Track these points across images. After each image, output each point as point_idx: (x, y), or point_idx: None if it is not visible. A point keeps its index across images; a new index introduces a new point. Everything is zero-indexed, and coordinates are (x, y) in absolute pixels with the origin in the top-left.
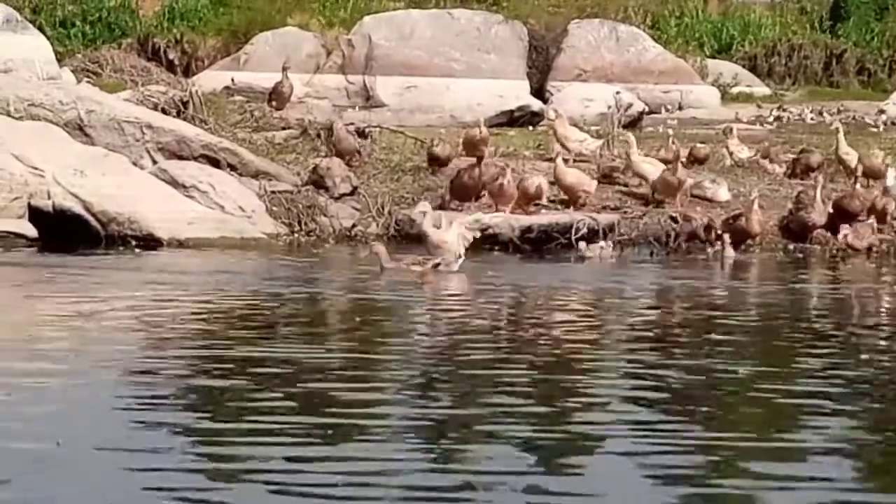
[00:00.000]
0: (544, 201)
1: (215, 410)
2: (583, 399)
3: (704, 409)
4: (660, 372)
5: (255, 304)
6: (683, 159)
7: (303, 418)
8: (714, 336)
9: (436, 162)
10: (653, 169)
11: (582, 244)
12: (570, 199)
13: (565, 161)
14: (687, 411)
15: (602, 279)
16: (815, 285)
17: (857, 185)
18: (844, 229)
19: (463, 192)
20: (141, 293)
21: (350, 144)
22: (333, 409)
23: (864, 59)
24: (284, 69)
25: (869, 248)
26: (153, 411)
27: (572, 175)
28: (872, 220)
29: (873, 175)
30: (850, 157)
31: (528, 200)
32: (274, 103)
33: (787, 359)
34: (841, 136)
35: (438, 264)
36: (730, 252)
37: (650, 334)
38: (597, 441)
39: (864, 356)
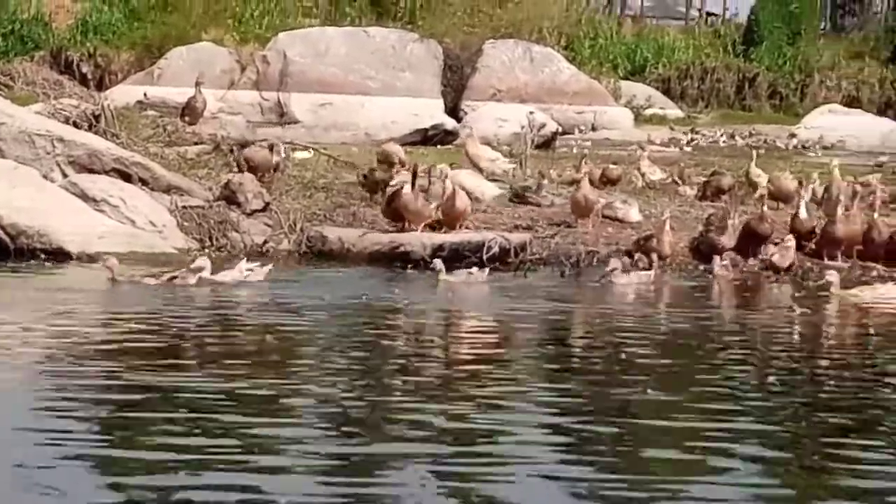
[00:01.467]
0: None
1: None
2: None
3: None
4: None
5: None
6: (594, 179)
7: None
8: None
9: (373, 185)
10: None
11: (437, 262)
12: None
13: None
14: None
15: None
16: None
17: (765, 208)
18: (772, 249)
19: (397, 214)
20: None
21: (266, 160)
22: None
23: (776, 82)
24: (198, 84)
25: (788, 268)
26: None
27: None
28: (791, 241)
29: (783, 198)
30: (761, 179)
31: (456, 218)
32: (187, 118)
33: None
34: (753, 161)
35: (175, 277)
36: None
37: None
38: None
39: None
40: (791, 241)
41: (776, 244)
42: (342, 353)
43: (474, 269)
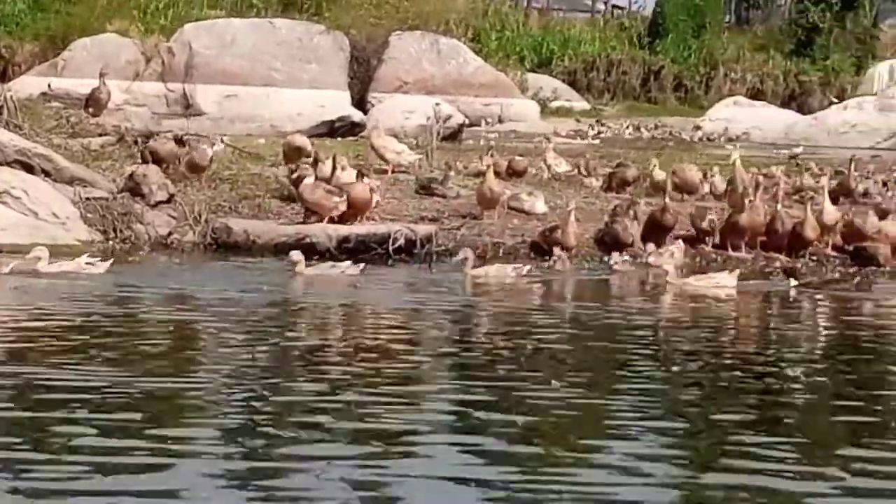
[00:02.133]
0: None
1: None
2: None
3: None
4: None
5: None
6: (500, 171)
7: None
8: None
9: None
10: None
11: (294, 254)
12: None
13: (384, 172)
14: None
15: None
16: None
17: (668, 200)
18: (650, 249)
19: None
20: None
21: (171, 152)
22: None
23: (681, 75)
24: (102, 75)
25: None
26: None
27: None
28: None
29: (687, 189)
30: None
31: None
32: (91, 109)
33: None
34: (657, 165)
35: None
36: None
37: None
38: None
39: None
40: (677, 247)
41: (683, 238)
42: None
43: (345, 264)
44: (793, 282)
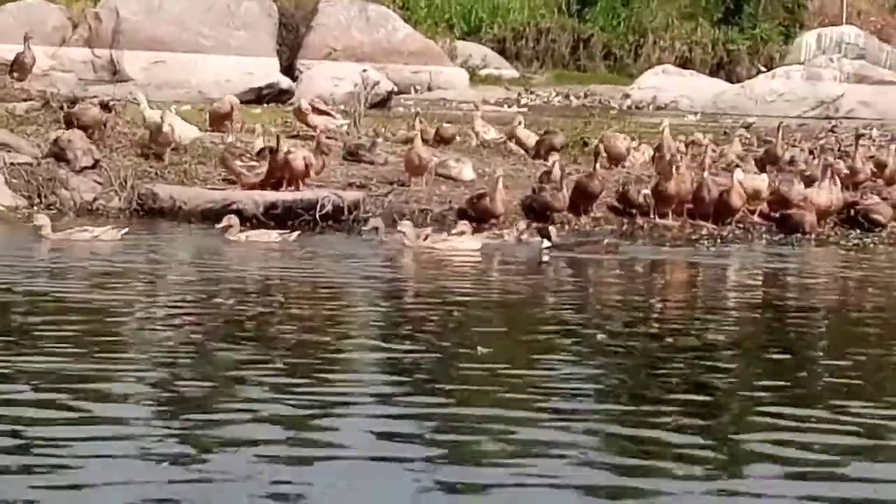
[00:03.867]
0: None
1: None
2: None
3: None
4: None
5: None
6: (428, 138)
7: None
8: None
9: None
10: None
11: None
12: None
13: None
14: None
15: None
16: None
17: (598, 166)
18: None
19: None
20: None
21: (96, 117)
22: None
23: (610, 44)
24: (26, 40)
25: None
26: None
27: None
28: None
29: (615, 158)
30: (529, 140)
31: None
32: (16, 74)
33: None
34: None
35: None
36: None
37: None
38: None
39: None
40: (465, 225)
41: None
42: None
43: (274, 233)
44: (545, 242)
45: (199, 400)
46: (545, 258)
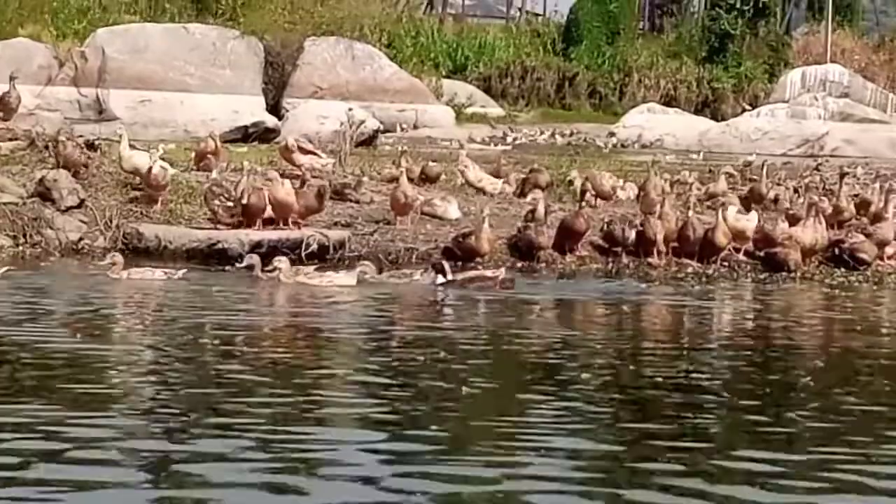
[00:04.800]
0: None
1: None
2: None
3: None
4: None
5: None
6: (414, 177)
7: None
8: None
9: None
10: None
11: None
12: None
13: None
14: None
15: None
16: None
17: (584, 205)
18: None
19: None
20: None
21: (75, 156)
22: None
23: (595, 81)
24: (12, 79)
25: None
26: None
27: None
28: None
29: (601, 196)
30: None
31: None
32: (1, 114)
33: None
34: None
35: None
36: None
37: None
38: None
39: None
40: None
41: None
42: None
43: (158, 271)
44: (439, 278)
45: None
46: (439, 294)
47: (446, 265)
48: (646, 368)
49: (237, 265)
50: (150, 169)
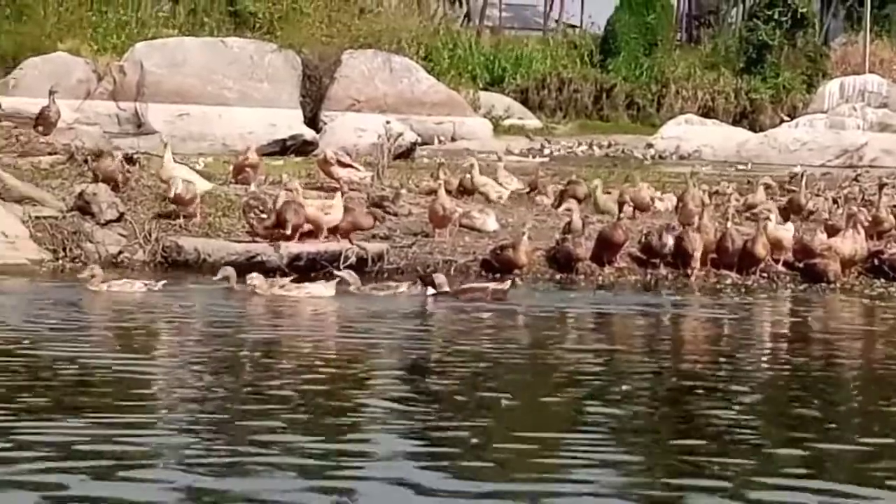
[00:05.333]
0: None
1: None
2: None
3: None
4: None
5: None
6: (452, 189)
7: None
8: None
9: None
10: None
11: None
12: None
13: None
14: None
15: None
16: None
17: (623, 216)
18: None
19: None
20: None
21: (113, 170)
22: None
23: (633, 93)
24: (52, 94)
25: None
26: None
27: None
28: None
29: (639, 207)
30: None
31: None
32: (41, 128)
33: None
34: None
35: None
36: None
37: None
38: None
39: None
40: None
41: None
42: None
43: (138, 283)
44: (430, 290)
45: None
46: (429, 307)
47: (440, 277)
48: (683, 381)
49: (213, 278)
50: (172, 185)
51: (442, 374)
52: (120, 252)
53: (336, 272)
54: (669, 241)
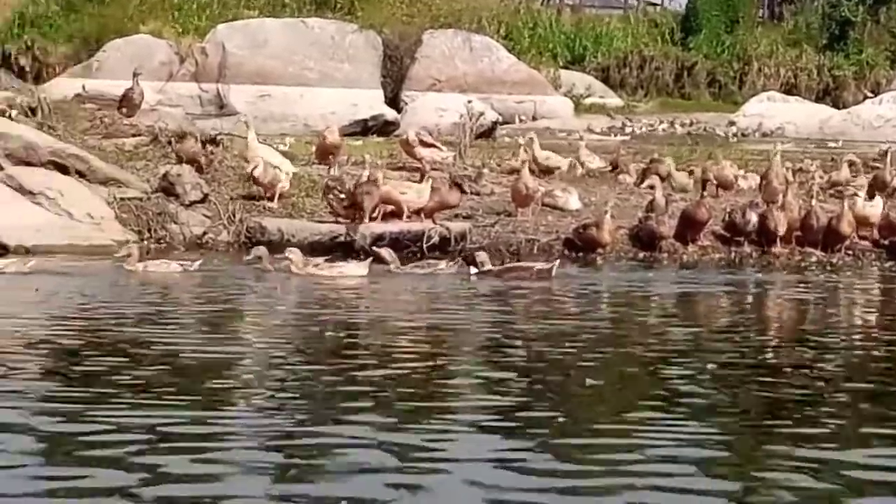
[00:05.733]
0: None
1: None
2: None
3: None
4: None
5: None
6: (534, 167)
7: None
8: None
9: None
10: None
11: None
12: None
13: (417, 171)
14: None
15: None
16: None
17: (706, 194)
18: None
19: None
20: None
21: (195, 152)
22: None
23: (714, 71)
24: (135, 76)
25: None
26: None
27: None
28: None
29: (723, 185)
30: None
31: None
32: (124, 110)
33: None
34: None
35: None
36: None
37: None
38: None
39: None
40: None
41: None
42: None
43: (174, 263)
44: (472, 269)
45: None
46: (472, 285)
47: (480, 256)
48: (770, 362)
49: (245, 258)
50: (251, 165)
51: (527, 353)
52: (204, 233)
53: (375, 250)
54: (753, 218)
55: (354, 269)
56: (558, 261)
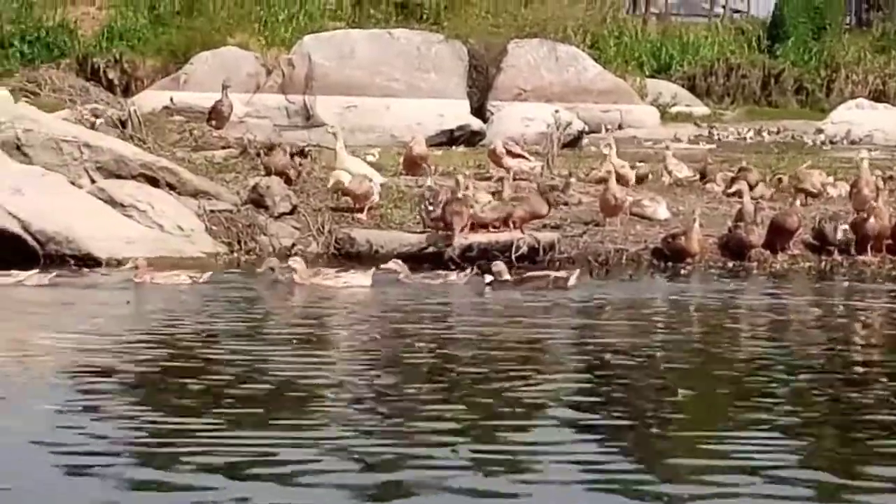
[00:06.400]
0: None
1: None
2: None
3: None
4: None
5: None
6: (630, 178)
7: None
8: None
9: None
10: None
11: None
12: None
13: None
14: None
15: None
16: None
17: (797, 202)
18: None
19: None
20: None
21: (283, 164)
22: None
23: (801, 78)
24: (224, 88)
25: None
26: None
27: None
28: None
29: (812, 194)
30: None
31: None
32: (213, 122)
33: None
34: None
35: None
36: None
37: None
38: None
39: None
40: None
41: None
42: None
43: (183, 275)
44: (487, 278)
45: None
46: (487, 294)
47: (497, 266)
48: (856, 369)
49: (257, 270)
50: (334, 177)
51: (615, 365)
52: (293, 245)
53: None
54: (843, 227)
55: (359, 280)
56: (578, 270)
